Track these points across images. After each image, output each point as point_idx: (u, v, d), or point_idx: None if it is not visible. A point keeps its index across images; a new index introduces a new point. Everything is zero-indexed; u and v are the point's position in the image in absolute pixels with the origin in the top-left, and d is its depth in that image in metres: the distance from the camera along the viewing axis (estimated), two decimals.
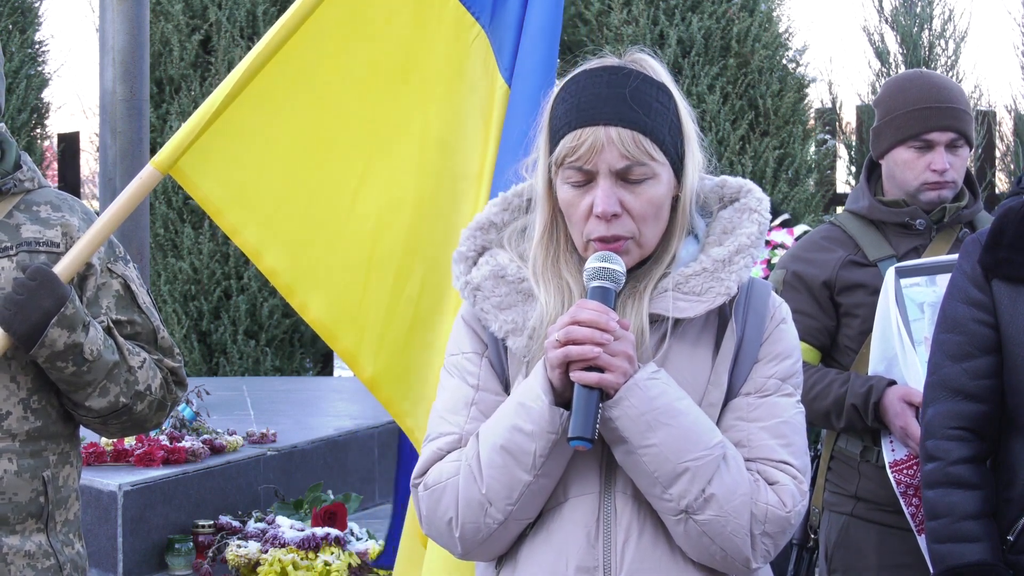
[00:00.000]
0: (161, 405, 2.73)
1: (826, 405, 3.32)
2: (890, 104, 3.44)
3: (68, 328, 2.55)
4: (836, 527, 3.44)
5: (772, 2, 8.84)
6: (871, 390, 3.24)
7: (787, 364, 2.11)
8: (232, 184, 2.84)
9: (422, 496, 2.07)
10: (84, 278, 2.69)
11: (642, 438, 1.96)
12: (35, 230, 2.67)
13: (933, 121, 3.35)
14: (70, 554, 2.72)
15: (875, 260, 3.38)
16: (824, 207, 9.00)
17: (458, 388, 2.12)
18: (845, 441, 3.44)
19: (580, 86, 2.06)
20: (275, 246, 2.86)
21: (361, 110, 2.90)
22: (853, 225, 3.46)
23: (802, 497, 2.05)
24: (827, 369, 3.40)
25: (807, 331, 3.41)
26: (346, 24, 2.88)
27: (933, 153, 3.35)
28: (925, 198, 3.38)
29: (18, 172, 2.70)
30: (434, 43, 2.93)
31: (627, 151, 2.00)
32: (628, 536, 2.02)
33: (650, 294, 2.06)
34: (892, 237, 3.41)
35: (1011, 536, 2.60)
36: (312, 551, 5.21)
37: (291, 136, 2.87)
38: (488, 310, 2.10)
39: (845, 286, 3.39)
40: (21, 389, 2.63)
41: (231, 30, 9.74)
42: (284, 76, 2.84)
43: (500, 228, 2.18)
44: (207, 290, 9.49)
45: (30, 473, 2.63)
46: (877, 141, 3.47)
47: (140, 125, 6.27)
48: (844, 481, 3.44)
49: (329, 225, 2.88)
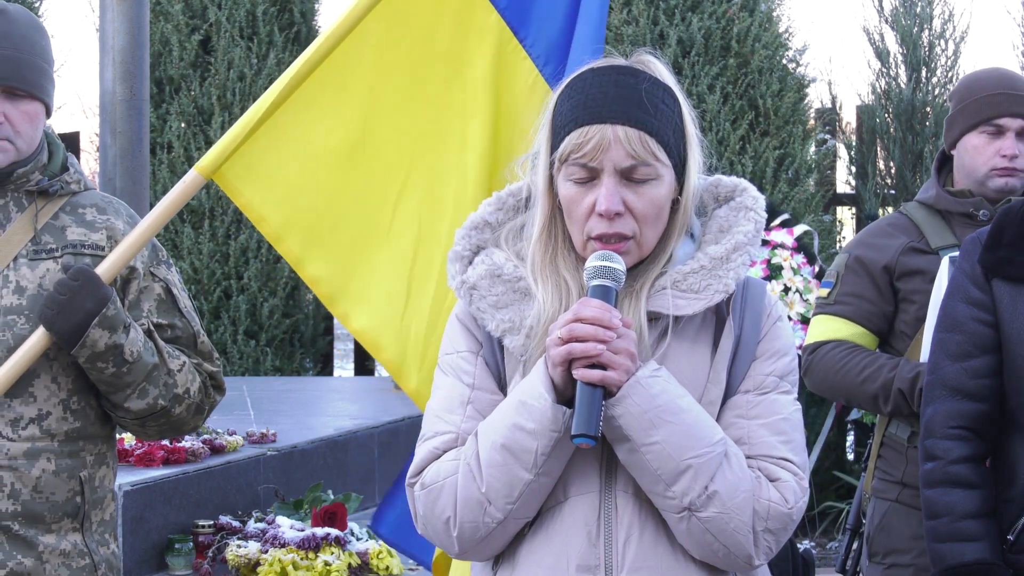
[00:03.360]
0: (199, 409, 2.78)
1: (874, 388, 3.37)
2: (964, 93, 3.50)
3: (109, 329, 2.58)
4: (880, 513, 3.49)
5: (772, 2, 8.83)
6: (919, 376, 3.27)
7: (785, 361, 2.12)
8: (275, 191, 2.84)
9: (419, 495, 2.07)
10: (127, 281, 2.72)
11: (645, 436, 1.97)
12: (80, 233, 2.70)
13: (1005, 107, 3.41)
14: (105, 554, 2.76)
15: (937, 248, 3.42)
16: (824, 207, 9.00)
17: (453, 387, 2.12)
18: (895, 427, 3.48)
19: (587, 84, 2.06)
20: (318, 255, 2.86)
21: (403, 119, 2.90)
22: (919, 214, 3.51)
23: (803, 493, 2.06)
24: (879, 354, 3.45)
25: (865, 315, 3.48)
26: (390, 34, 2.88)
27: (1003, 139, 3.41)
28: (994, 185, 3.42)
29: (65, 174, 2.73)
30: (475, 54, 2.93)
31: (633, 150, 2.01)
32: (629, 535, 2.02)
33: (647, 292, 2.06)
34: (956, 227, 3.45)
35: (1011, 535, 2.60)
36: (312, 551, 5.21)
37: (335, 146, 2.87)
38: (485, 309, 2.10)
39: (905, 272, 3.44)
40: (62, 390, 2.66)
41: (231, 30, 9.73)
42: (329, 84, 2.84)
43: (495, 227, 2.18)
44: (207, 290, 9.48)
45: (67, 473, 2.66)
46: (949, 130, 3.52)
47: (140, 125, 6.26)
48: (892, 467, 3.49)
49: (372, 235, 2.88)
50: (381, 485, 6.78)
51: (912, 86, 8.68)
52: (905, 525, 3.42)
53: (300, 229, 2.86)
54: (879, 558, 3.49)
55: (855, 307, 3.49)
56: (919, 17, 8.79)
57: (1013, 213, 2.68)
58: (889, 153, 8.82)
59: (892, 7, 8.89)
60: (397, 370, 2.89)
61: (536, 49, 2.93)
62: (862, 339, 3.48)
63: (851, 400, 3.47)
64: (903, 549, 3.43)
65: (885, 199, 8.74)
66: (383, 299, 2.87)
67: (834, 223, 9.14)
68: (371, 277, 2.87)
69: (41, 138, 2.73)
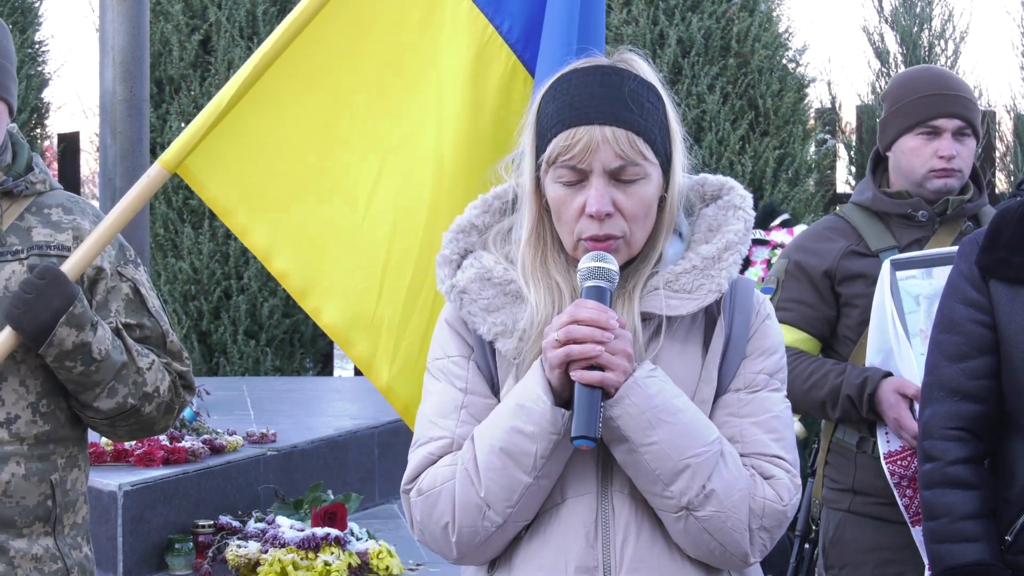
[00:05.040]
0: (169, 408, 2.72)
1: (821, 395, 3.33)
2: (898, 94, 3.45)
3: (77, 327, 2.54)
4: (833, 524, 3.45)
5: (772, 2, 8.83)
6: (866, 381, 3.24)
7: (774, 359, 2.12)
8: (241, 184, 2.81)
9: (415, 502, 2.06)
10: (94, 281, 2.68)
11: (643, 436, 1.97)
12: (46, 233, 2.66)
13: (941, 107, 3.37)
14: (78, 557, 2.70)
15: (877, 251, 3.38)
16: (824, 207, 8.99)
17: (445, 392, 2.11)
18: (843, 432, 3.44)
19: (572, 85, 2.05)
20: (286, 249, 2.82)
21: (374, 111, 2.86)
22: (857, 216, 3.47)
23: (796, 490, 2.06)
24: (824, 359, 3.40)
25: (807, 320, 3.43)
26: (356, 23, 2.84)
27: (940, 140, 3.37)
28: (932, 186, 3.39)
29: (30, 174, 2.68)
30: (447, 43, 2.89)
31: (622, 151, 2.01)
32: (627, 535, 2.02)
33: (640, 293, 2.06)
34: (895, 228, 3.42)
35: (1009, 536, 2.60)
36: (312, 551, 5.21)
37: (300, 137, 2.83)
38: (476, 313, 2.09)
39: (846, 276, 3.40)
40: (30, 393, 2.62)
41: (231, 30, 9.74)
42: (293, 75, 2.81)
43: (481, 230, 2.17)
44: (207, 290, 9.49)
45: (38, 477, 2.62)
46: (884, 132, 3.48)
47: (140, 125, 6.27)
48: (841, 474, 3.45)
49: (342, 229, 2.84)
50: (381, 485, 6.79)
51: None
52: (859, 537, 3.37)
53: (267, 222, 2.81)
54: (835, 571, 3.44)
55: (797, 313, 3.43)
56: (919, 17, 8.80)
57: (1010, 215, 2.67)
58: None
59: (892, 7, 8.89)
60: (368, 366, 2.85)
61: (513, 35, 2.89)
62: (805, 344, 3.43)
63: (798, 407, 3.35)
64: (858, 563, 3.38)
65: None
66: (355, 294, 2.84)
67: None
68: (343, 272, 2.83)
69: (5, 138, 2.67)
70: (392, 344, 2.83)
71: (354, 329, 2.83)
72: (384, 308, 2.83)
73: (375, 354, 2.84)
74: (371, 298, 2.83)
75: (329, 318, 2.84)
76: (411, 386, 2.84)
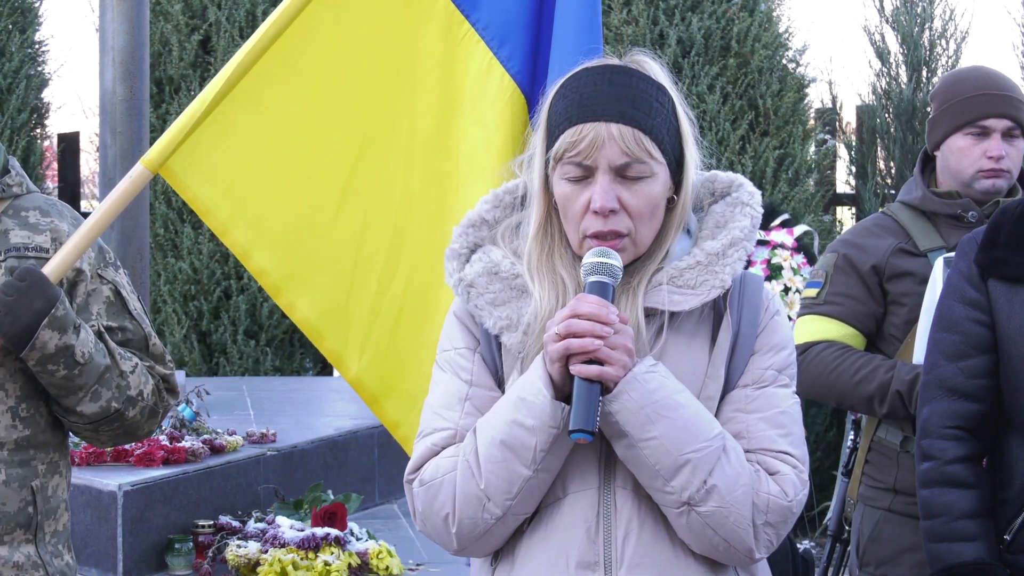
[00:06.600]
0: (153, 412, 2.68)
1: (870, 390, 3.30)
2: (947, 94, 3.44)
3: (59, 330, 2.49)
4: (871, 522, 3.42)
5: (772, 2, 8.83)
6: (917, 378, 3.19)
7: (783, 355, 2.13)
8: (221, 184, 2.83)
9: (417, 492, 2.08)
10: (74, 284, 2.64)
11: (642, 431, 1.97)
12: (24, 235, 2.61)
13: (990, 107, 3.36)
14: (59, 565, 2.66)
15: (925, 250, 3.37)
16: (824, 207, 8.99)
17: (451, 383, 2.12)
18: (885, 431, 3.42)
19: (581, 83, 2.07)
20: (263, 246, 2.85)
21: (350, 109, 2.89)
22: (905, 215, 3.45)
23: (803, 486, 2.06)
24: (873, 355, 3.38)
25: (855, 315, 3.41)
26: (335, 23, 2.87)
27: (989, 140, 3.36)
28: (980, 187, 3.38)
29: (6, 177, 2.65)
30: (423, 42, 2.92)
31: (627, 148, 2.02)
32: (628, 531, 2.03)
33: (644, 289, 2.07)
34: (943, 229, 3.40)
35: (1008, 535, 2.60)
36: (312, 551, 5.21)
37: (280, 136, 2.86)
38: (482, 306, 2.11)
39: (894, 273, 3.38)
40: (9, 397, 2.57)
41: (231, 30, 9.74)
42: (273, 76, 2.83)
43: (492, 225, 2.19)
44: (207, 290, 9.48)
45: (18, 483, 2.57)
46: (932, 131, 3.47)
47: (140, 125, 6.27)
48: (882, 473, 3.42)
49: (316, 225, 2.88)
50: (381, 485, 6.79)
51: (913, 86, 8.68)
52: (899, 535, 3.36)
53: (246, 221, 2.84)
54: (871, 569, 3.42)
55: (846, 307, 3.42)
56: (920, 17, 8.79)
57: (1009, 213, 2.67)
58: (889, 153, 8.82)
59: (893, 7, 8.88)
60: (338, 359, 2.89)
61: (490, 32, 2.91)
62: (852, 340, 3.41)
63: (843, 402, 3.38)
64: (897, 561, 3.36)
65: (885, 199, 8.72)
66: (326, 288, 2.88)
67: (834, 223, 9.14)
68: (315, 266, 2.87)
69: None
70: (361, 337, 2.88)
71: (325, 323, 2.88)
72: (354, 302, 2.88)
73: (344, 347, 2.88)
74: (341, 293, 2.88)
75: (301, 313, 2.88)
76: (379, 380, 2.91)
